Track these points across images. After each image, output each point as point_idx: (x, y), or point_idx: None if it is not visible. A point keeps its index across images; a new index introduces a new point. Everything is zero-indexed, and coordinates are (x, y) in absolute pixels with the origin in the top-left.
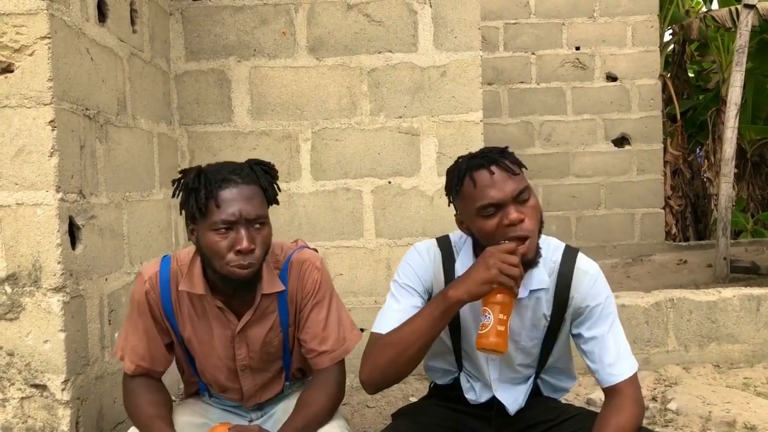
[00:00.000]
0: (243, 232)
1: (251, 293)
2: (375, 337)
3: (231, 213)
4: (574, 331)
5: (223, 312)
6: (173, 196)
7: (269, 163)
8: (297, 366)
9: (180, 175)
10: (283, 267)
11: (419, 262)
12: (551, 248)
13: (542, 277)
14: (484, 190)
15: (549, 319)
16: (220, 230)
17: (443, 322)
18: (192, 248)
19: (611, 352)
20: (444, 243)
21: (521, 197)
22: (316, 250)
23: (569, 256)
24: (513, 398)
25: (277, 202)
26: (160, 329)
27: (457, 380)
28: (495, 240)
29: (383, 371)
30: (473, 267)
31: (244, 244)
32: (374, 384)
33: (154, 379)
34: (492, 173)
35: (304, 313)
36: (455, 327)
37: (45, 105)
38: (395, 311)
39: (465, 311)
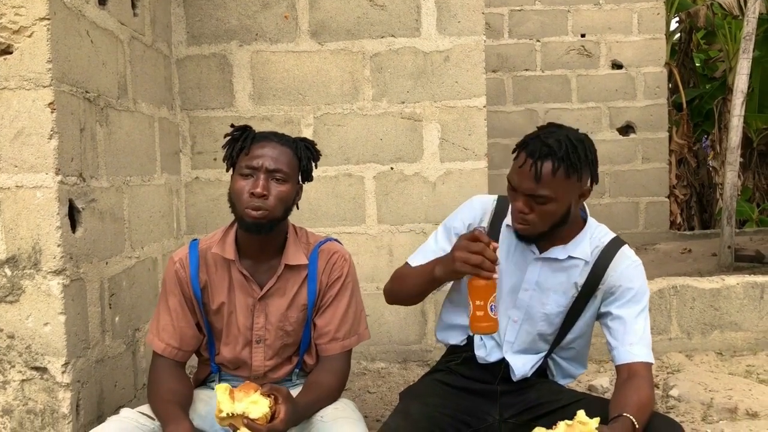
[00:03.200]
0: (261, 177)
1: (274, 259)
2: (405, 264)
3: (255, 159)
4: (603, 309)
5: (247, 280)
6: (223, 147)
7: (314, 142)
8: (311, 360)
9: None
10: (312, 252)
11: (469, 211)
12: (602, 231)
13: (585, 249)
14: (513, 171)
15: (579, 289)
16: (244, 173)
17: (432, 287)
18: (219, 231)
19: (636, 334)
20: (501, 200)
21: (536, 200)
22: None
23: (617, 242)
24: (521, 363)
25: (310, 179)
26: (190, 307)
27: (471, 339)
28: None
29: (392, 293)
30: (450, 251)
31: (258, 188)
32: (387, 297)
33: (180, 365)
34: (529, 166)
35: (327, 299)
36: None
37: (44, 87)
38: (428, 251)
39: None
